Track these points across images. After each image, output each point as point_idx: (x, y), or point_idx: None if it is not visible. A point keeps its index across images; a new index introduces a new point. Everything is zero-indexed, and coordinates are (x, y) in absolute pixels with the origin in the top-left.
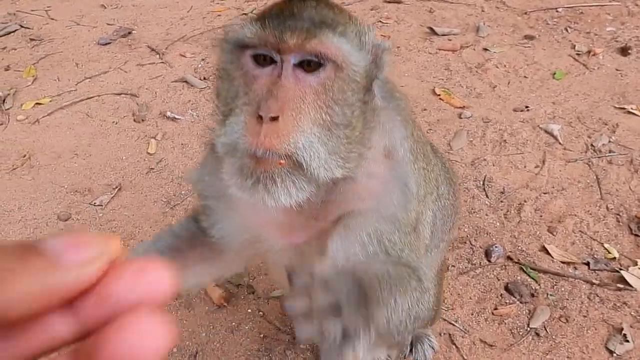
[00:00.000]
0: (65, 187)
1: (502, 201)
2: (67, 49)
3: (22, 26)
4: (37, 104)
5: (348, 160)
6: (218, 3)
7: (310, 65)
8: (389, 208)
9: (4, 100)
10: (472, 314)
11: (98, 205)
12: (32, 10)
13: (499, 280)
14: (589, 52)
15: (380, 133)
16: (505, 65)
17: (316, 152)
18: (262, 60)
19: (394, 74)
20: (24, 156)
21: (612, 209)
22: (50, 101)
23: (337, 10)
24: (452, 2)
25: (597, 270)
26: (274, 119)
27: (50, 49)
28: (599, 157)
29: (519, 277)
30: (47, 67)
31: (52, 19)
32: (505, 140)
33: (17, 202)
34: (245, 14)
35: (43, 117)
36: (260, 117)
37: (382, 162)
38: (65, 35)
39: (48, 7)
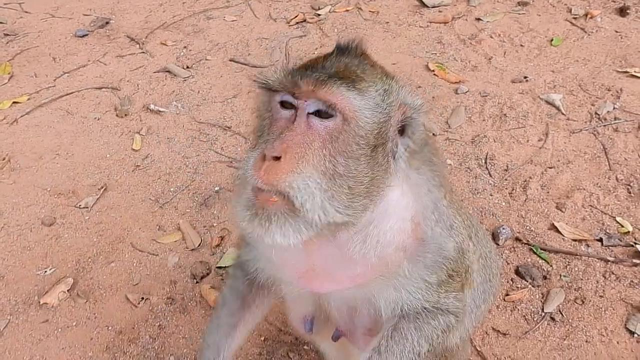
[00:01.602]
0: (49, 189)
1: (506, 179)
2: (43, 43)
3: None
4: (14, 102)
5: (350, 208)
6: None
7: (324, 113)
8: (426, 265)
9: None
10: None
11: (84, 207)
12: (5, 4)
13: (508, 264)
14: (586, 14)
15: (409, 199)
16: (499, 35)
17: (311, 196)
18: (287, 105)
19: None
20: (4, 159)
21: (622, 179)
22: (28, 99)
23: (368, 68)
24: None
25: (611, 246)
26: (277, 158)
27: (25, 43)
28: (604, 126)
29: (529, 259)
30: (24, 63)
31: (26, 12)
32: (505, 114)
33: None
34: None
35: (22, 116)
36: (265, 156)
37: (415, 226)
38: (41, 29)
39: (22, 0)
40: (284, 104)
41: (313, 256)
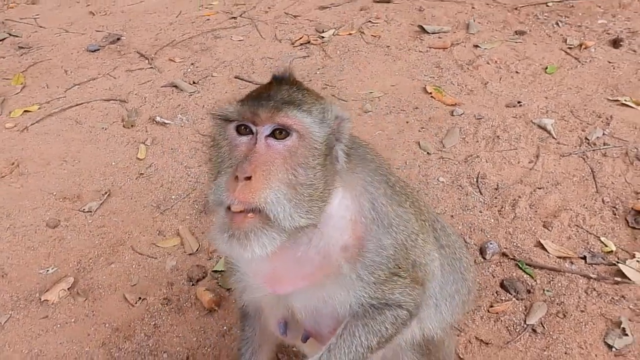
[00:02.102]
0: (54, 193)
1: (496, 197)
2: (56, 56)
3: (10, 34)
4: (25, 111)
5: (310, 212)
6: (207, 7)
7: (280, 133)
8: (365, 264)
9: None
10: (467, 313)
11: (87, 211)
12: (21, 19)
13: (494, 277)
14: (580, 45)
15: (348, 201)
16: (496, 62)
17: (282, 206)
18: (242, 130)
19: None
20: (13, 164)
21: (608, 202)
22: (39, 108)
23: (306, 93)
24: (442, 0)
25: (594, 264)
26: (248, 178)
27: (39, 56)
28: (593, 150)
29: (514, 274)
30: (36, 74)
31: (41, 26)
32: (498, 136)
33: (6, 210)
34: (233, 17)
35: (32, 124)
36: (237, 177)
37: (354, 225)
38: (54, 43)
39: (37, 15)
40: (239, 131)
41: (273, 260)
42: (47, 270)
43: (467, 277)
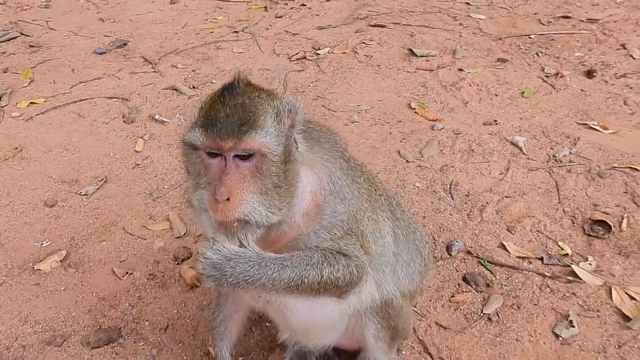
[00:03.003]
0: (54, 177)
1: (466, 203)
2: (64, 56)
3: (22, 34)
4: (31, 103)
5: (281, 208)
6: (211, 21)
7: (244, 156)
8: (322, 225)
9: (0, 98)
10: (430, 300)
11: (84, 194)
12: (33, 20)
13: (457, 271)
14: (557, 74)
15: (309, 176)
16: (478, 84)
17: (258, 212)
18: (213, 154)
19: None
20: (16, 148)
21: (568, 211)
22: (45, 101)
23: (256, 98)
24: (433, 28)
25: (550, 264)
26: (227, 199)
27: (48, 55)
28: (559, 167)
29: (476, 269)
30: (44, 71)
31: (52, 28)
32: (473, 150)
33: (7, 189)
34: (236, 31)
35: (37, 115)
36: (217, 199)
37: (314, 195)
38: (63, 44)
39: (48, 18)
40: (210, 154)
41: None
42: (42, 244)
43: (421, 250)
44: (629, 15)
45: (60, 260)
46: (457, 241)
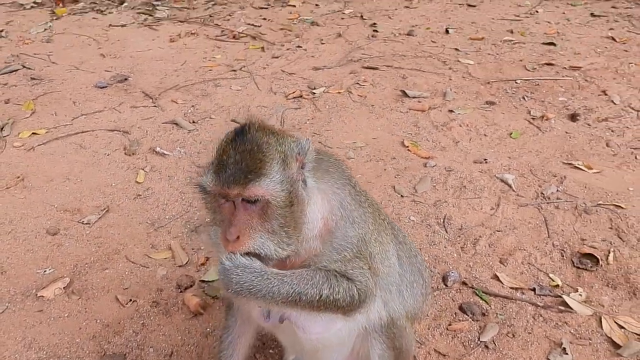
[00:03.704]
0: (56, 206)
1: (459, 236)
2: (66, 89)
3: (24, 66)
4: (33, 133)
5: (290, 244)
6: (210, 60)
7: (251, 201)
8: (333, 247)
9: (1, 129)
10: (428, 329)
11: (86, 223)
12: (35, 54)
13: (454, 301)
14: (542, 116)
15: (320, 204)
16: (467, 125)
17: (267, 247)
18: (223, 196)
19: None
20: (18, 177)
21: (557, 245)
22: (46, 132)
23: (265, 148)
24: (424, 71)
25: (542, 295)
26: (237, 238)
27: (49, 88)
28: (547, 203)
29: (472, 299)
30: (46, 103)
31: (53, 62)
32: (464, 186)
33: (9, 217)
34: (234, 70)
35: (38, 145)
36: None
37: (326, 222)
38: (65, 77)
39: (50, 52)
40: (221, 196)
41: None
42: (45, 271)
43: (423, 272)
44: (608, 64)
45: (64, 287)
46: (452, 272)
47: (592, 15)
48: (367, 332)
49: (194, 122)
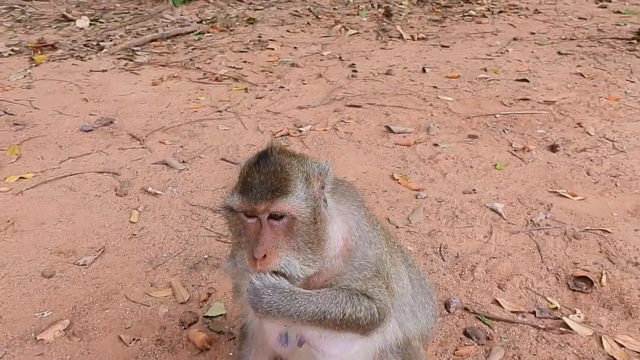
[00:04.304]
0: (49, 248)
1: (457, 264)
2: (51, 134)
3: (6, 112)
4: (21, 178)
5: (316, 261)
6: (194, 102)
7: (277, 217)
8: (354, 267)
9: None
10: (435, 355)
11: (82, 264)
12: (16, 100)
13: (457, 326)
14: (523, 148)
15: (340, 225)
16: (453, 158)
17: (293, 266)
18: (250, 215)
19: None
20: (8, 221)
21: (551, 269)
22: (34, 176)
23: (288, 168)
24: (406, 108)
25: (542, 317)
26: (264, 257)
27: (33, 132)
28: (538, 230)
29: (475, 324)
30: (31, 147)
31: (36, 108)
32: (457, 216)
33: (1, 261)
34: (219, 111)
35: (27, 189)
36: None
37: (346, 242)
38: (49, 122)
39: (31, 98)
40: (247, 215)
41: None
42: (43, 314)
43: (432, 295)
44: (580, 98)
45: (64, 330)
46: (454, 298)
47: (559, 53)
48: (384, 354)
49: (183, 161)
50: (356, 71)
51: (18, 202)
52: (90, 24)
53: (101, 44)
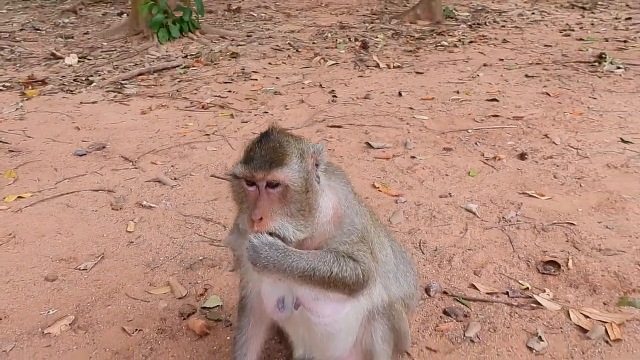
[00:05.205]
0: (51, 257)
1: (435, 256)
2: (45, 158)
3: (0, 141)
4: (19, 197)
5: (307, 227)
6: (182, 127)
7: (273, 185)
8: (343, 231)
9: None
10: (418, 331)
11: (83, 269)
12: (10, 130)
13: (437, 307)
14: (494, 157)
15: (330, 196)
16: (429, 168)
17: (286, 229)
18: (249, 183)
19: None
20: (9, 234)
21: (522, 257)
22: (32, 196)
23: (286, 145)
24: (384, 126)
25: (515, 297)
26: (260, 219)
27: (29, 158)
28: (509, 225)
29: (454, 305)
30: (27, 171)
31: (29, 136)
32: (434, 216)
33: (4, 269)
34: (207, 134)
35: (25, 207)
36: (252, 220)
37: (335, 211)
38: (43, 149)
39: (25, 128)
40: (248, 183)
41: None
42: (48, 312)
43: (412, 266)
44: (546, 114)
45: (69, 324)
46: (434, 283)
47: (527, 76)
48: (371, 316)
49: (175, 178)
50: (336, 96)
51: (17, 219)
52: (79, 61)
53: (90, 78)
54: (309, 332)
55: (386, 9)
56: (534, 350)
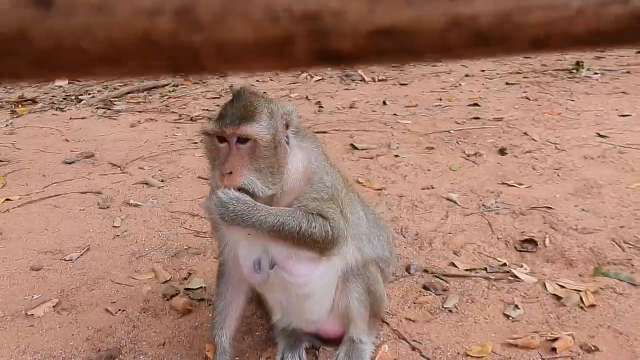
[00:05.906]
0: (36, 250)
1: (416, 240)
2: (34, 167)
3: None
4: (7, 199)
5: (275, 183)
6: (171, 137)
7: (242, 140)
8: (313, 189)
9: None
10: (397, 304)
11: (69, 259)
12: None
13: (417, 283)
14: (475, 153)
15: (300, 156)
16: (412, 165)
17: (254, 184)
18: (220, 139)
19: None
20: None
21: (501, 238)
22: (19, 198)
23: (256, 104)
24: (368, 131)
25: (493, 272)
26: (230, 173)
27: (17, 167)
28: (489, 211)
29: (433, 280)
30: (16, 177)
31: (19, 148)
32: (416, 206)
33: None
34: (195, 142)
35: (13, 208)
36: (223, 173)
37: (305, 169)
38: (32, 158)
39: (14, 141)
40: (219, 140)
41: None
42: (32, 297)
43: (387, 231)
44: (525, 115)
45: (53, 307)
46: (414, 262)
47: (507, 83)
48: (346, 277)
49: (162, 180)
50: (322, 107)
51: (4, 218)
52: (69, 83)
53: (79, 97)
54: (286, 295)
55: None
56: (510, 318)
